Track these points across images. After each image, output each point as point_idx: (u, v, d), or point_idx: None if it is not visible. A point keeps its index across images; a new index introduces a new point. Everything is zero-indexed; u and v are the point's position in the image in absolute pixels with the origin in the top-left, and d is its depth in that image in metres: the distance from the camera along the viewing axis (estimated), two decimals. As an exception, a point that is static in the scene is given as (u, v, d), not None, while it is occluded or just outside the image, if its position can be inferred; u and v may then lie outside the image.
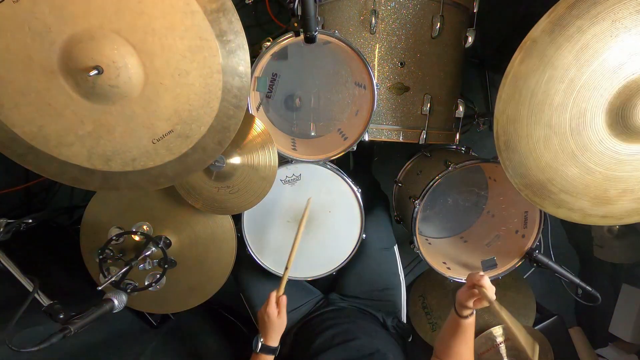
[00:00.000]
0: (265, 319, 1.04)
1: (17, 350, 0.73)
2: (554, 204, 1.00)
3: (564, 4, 0.82)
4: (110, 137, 0.83)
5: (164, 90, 0.81)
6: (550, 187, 0.97)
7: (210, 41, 0.79)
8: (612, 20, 0.80)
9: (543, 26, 0.84)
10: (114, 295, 0.93)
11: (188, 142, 0.87)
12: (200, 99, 0.83)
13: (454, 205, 1.51)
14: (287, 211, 1.24)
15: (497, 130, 0.94)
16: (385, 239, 1.39)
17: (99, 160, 0.85)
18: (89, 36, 0.74)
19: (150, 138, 0.85)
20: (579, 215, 1.01)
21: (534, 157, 0.94)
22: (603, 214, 0.99)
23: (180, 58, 0.79)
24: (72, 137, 0.82)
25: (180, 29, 0.77)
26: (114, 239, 1.05)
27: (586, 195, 0.97)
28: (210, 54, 0.80)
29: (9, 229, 1.01)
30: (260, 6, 1.79)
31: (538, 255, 1.24)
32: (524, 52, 0.87)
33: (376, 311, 1.31)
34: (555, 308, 1.64)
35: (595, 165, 0.93)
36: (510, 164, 0.97)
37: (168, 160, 0.88)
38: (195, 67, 0.80)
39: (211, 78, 0.82)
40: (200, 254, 1.18)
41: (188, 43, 0.78)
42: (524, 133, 0.92)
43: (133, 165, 0.87)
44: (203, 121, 0.86)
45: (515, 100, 0.90)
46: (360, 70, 1.12)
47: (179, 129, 0.85)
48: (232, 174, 1.07)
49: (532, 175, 0.97)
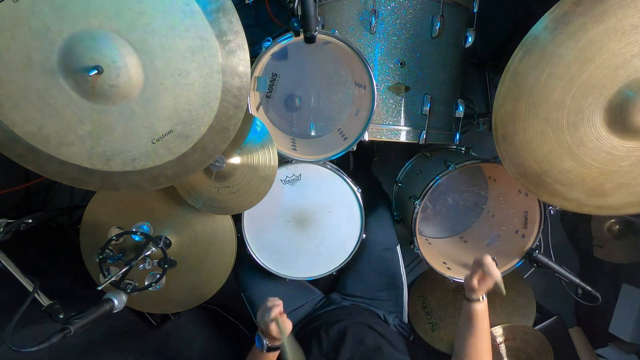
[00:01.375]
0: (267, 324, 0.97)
1: (17, 350, 0.73)
2: (549, 193, 1.02)
3: (569, 0, 0.81)
4: (110, 137, 0.83)
5: (163, 90, 0.81)
6: (545, 178, 0.99)
7: (210, 41, 0.79)
8: (618, 18, 0.80)
9: (545, 23, 0.84)
10: (114, 295, 0.93)
11: (188, 142, 0.87)
12: (200, 99, 0.83)
13: (454, 205, 1.51)
14: (287, 211, 1.24)
15: (495, 123, 0.96)
16: (387, 240, 1.39)
17: (99, 160, 0.85)
18: (88, 36, 0.74)
19: (150, 138, 0.85)
20: (574, 205, 1.02)
21: (530, 149, 0.96)
22: (598, 204, 1.00)
23: (180, 58, 0.79)
24: (72, 137, 0.82)
25: (180, 29, 0.77)
26: (114, 239, 1.05)
27: (581, 187, 0.98)
28: (210, 54, 0.80)
29: (9, 229, 1.01)
30: (260, 6, 1.79)
31: (538, 255, 1.24)
32: (524, 48, 0.87)
33: (377, 309, 1.31)
34: (555, 308, 1.63)
35: (592, 160, 0.93)
36: (507, 154, 1.00)
37: (168, 160, 0.88)
38: (195, 67, 0.80)
39: (211, 78, 0.82)
40: (200, 254, 1.18)
41: (188, 43, 0.78)
42: (521, 126, 0.94)
43: (133, 165, 0.87)
44: (203, 121, 0.86)
45: (514, 95, 0.91)
46: (360, 70, 1.13)
47: (179, 129, 0.85)
48: (232, 174, 1.07)
49: (528, 166, 0.99)
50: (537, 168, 0.98)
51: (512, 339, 1.39)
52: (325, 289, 1.43)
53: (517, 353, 1.40)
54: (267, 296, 1.06)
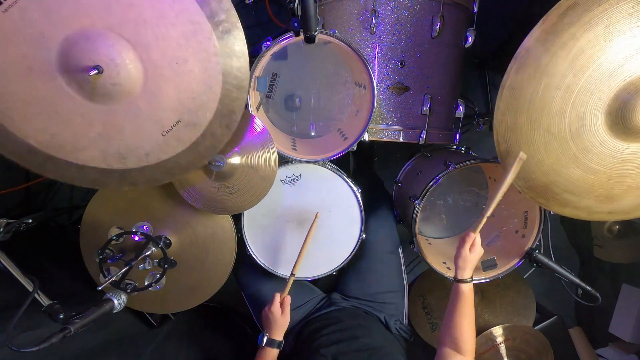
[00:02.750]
0: (270, 317, 1.09)
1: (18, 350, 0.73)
2: (559, 203, 1.01)
3: (556, 13, 0.82)
4: (121, 135, 0.84)
5: (164, 81, 0.81)
6: (554, 189, 0.98)
7: (203, 24, 0.78)
8: (605, 25, 0.81)
9: (536, 35, 0.84)
10: (114, 295, 0.93)
11: (197, 130, 0.87)
12: (201, 84, 0.82)
13: (454, 205, 1.51)
14: (287, 211, 1.24)
15: (498, 139, 0.95)
16: (389, 241, 1.38)
17: (114, 160, 0.86)
18: (83, 36, 0.74)
19: (160, 131, 0.85)
20: (585, 213, 1.02)
21: (536, 161, 0.95)
22: (609, 210, 1.00)
23: (176, 46, 0.78)
24: (85, 140, 0.83)
25: (170, 16, 0.76)
26: (114, 239, 1.05)
27: (591, 194, 0.97)
28: (204, 37, 0.79)
29: (9, 229, 1.01)
30: (260, 6, 1.79)
31: (538, 255, 1.24)
32: (518, 61, 0.87)
33: (378, 312, 1.30)
34: (555, 308, 1.63)
35: (598, 165, 0.93)
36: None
37: (180, 150, 0.88)
38: (192, 53, 0.79)
39: (209, 62, 0.81)
40: (200, 254, 1.18)
41: (181, 29, 0.77)
42: (523, 140, 0.93)
43: (147, 160, 0.87)
44: (208, 107, 0.85)
45: (513, 109, 0.90)
46: (360, 70, 1.13)
47: (186, 118, 0.85)
48: (232, 173, 1.07)
49: (535, 178, 0.98)
50: (544, 180, 0.97)
51: (512, 339, 1.39)
52: (326, 289, 1.43)
53: (517, 353, 1.40)
54: (267, 296, 1.07)
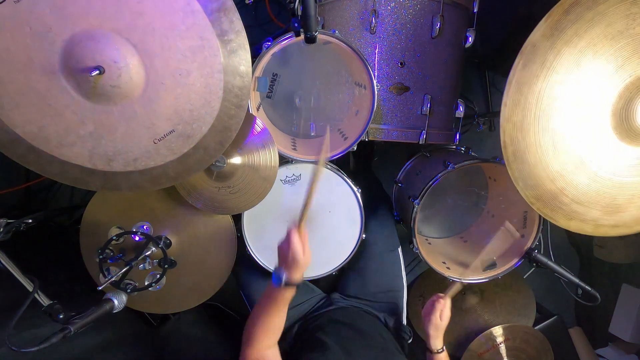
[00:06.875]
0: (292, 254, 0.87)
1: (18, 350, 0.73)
2: (566, 216, 0.99)
3: (559, 9, 0.82)
4: (112, 137, 0.84)
5: (164, 90, 0.81)
6: (562, 198, 0.96)
7: (211, 41, 0.79)
8: (605, 24, 0.81)
9: (542, 30, 0.84)
10: (114, 295, 0.93)
11: (189, 142, 0.87)
12: (201, 98, 0.83)
13: (454, 205, 1.51)
14: (287, 211, 1.24)
15: (505, 140, 0.91)
16: (389, 241, 1.38)
17: (101, 161, 0.85)
18: (89, 36, 0.75)
19: (152, 138, 0.85)
20: (591, 227, 0.99)
21: (543, 165, 0.92)
22: (614, 223, 0.98)
23: (181, 58, 0.79)
24: (74, 137, 0.82)
25: (180, 29, 0.77)
26: (114, 239, 1.05)
27: (597, 204, 0.96)
28: (211, 54, 0.80)
29: (9, 229, 1.01)
30: (260, 6, 1.79)
31: (537, 255, 1.24)
32: (525, 57, 0.86)
33: (378, 312, 1.31)
34: (555, 308, 1.64)
35: (604, 171, 0.92)
36: (521, 175, 0.94)
37: (169, 160, 0.88)
38: (196, 67, 0.80)
39: (212, 78, 0.82)
40: (200, 254, 1.18)
41: (189, 43, 0.78)
42: (531, 140, 0.90)
43: (134, 165, 0.87)
44: (204, 121, 0.86)
45: (521, 106, 0.88)
46: (360, 70, 1.13)
47: (180, 129, 0.85)
48: (233, 174, 1.07)
49: (544, 185, 0.95)
50: (553, 187, 0.95)
51: (512, 339, 1.40)
52: (326, 288, 1.43)
53: (517, 353, 1.40)
54: None
